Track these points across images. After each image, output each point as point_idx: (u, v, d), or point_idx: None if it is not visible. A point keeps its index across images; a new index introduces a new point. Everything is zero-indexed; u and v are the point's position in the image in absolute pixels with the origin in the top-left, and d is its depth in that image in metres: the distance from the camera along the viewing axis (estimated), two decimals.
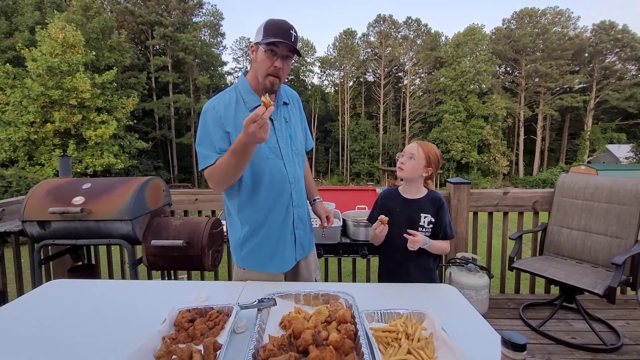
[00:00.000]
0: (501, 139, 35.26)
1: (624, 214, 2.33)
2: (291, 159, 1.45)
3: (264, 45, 1.28)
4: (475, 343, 0.94)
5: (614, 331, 2.22)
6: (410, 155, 1.55)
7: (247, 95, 1.40)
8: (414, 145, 1.58)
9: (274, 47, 1.28)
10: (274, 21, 1.31)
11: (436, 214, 1.54)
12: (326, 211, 1.62)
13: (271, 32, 1.28)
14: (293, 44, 1.29)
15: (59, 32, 16.66)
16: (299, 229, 1.51)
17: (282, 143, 1.43)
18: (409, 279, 1.50)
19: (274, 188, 1.41)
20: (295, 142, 1.48)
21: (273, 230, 1.44)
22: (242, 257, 1.47)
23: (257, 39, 1.32)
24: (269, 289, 1.16)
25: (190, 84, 33.18)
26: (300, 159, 1.52)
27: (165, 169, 30.24)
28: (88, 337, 1.00)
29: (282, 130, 1.44)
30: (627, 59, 34.58)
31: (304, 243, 1.54)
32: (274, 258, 1.46)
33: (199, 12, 35.81)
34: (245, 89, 1.41)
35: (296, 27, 1.35)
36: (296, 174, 1.48)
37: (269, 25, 1.30)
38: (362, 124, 37.93)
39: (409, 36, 40.07)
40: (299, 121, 1.56)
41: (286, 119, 1.47)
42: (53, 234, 2.07)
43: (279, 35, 1.27)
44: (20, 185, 10.29)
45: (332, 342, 0.84)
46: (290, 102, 1.53)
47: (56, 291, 1.34)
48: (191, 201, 2.82)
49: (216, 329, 0.97)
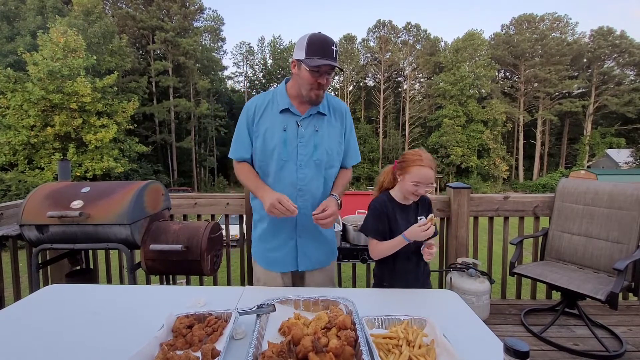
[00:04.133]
0: (501, 144, 35.33)
1: (625, 219, 2.32)
2: (307, 166, 1.45)
3: (307, 65, 1.32)
4: (477, 350, 0.92)
5: (617, 337, 2.20)
6: (430, 184, 1.45)
7: (280, 98, 1.48)
8: (430, 173, 1.44)
9: (318, 67, 1.32)
10: (317, 38, 1.34)
11: (428, 215, 1.53)
12: (327, 205, 1.43)
13: (315, 51, 1.32)
14: (335, 60, 1.33)
15: (61, 36, 16.78)
16: (302, 238, 1.50)
17: (302, 149, 1.45)
18: (418, 285, 1.48)
19: (278, 189, 1.44)
20: (318, 152, 1.46)
21: (275, 227, 1.51)
22: (254, 246, 1.60)
23: (299, 56, 1.35)
24: (269, 295, 1.15)
25: (190, 88, 33.30)
26: (322, 171, 1.49)
27: (164, 173, 30.24)
28: (85, 343, 0.99)
29: (307, 138, 1.45)
30: (625, 65, 34.77)
31: (310, 254, 1.53)
32: (271, 254, 1.53)
33: (200, 17, 36.05)
34: (281, 93, 1.50)
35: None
36: (309, 182, 1.46)
37: (313, 43, 1.32)
38: (362, 128, 38.01)
39: (408, 41, 40.31)
40: (336, 134, 1.53)
41: (316, 129, 1.47)
42: (51, 238, 2.06)
43: (322, 54, 1.32)
44: (19, 189, 10.29)
45: (332, 349, 0.83)
46: (330, 114, 1.52)
47: (54, 296, 1.32)
48: (190, 205, 2.81)
49: (215, 335, 0.96)
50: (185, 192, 14.63)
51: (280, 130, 1.44)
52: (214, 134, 35.41)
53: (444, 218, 2.80)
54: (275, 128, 1.45)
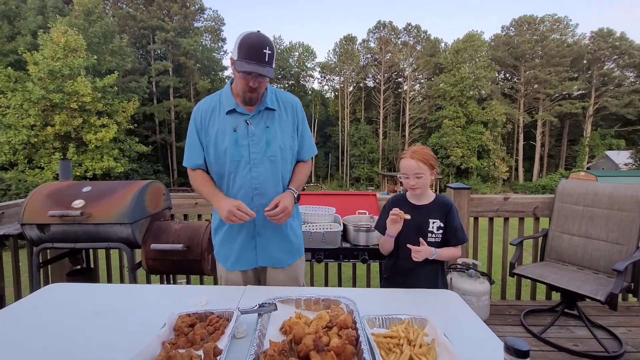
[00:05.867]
0: (500, 145, 35.36)
1: (624, 221, 2.32)
2: (261, 164, 1.43)
3: (237, 69, 1.30)
4: (478, 350, 0.93)
5: (616, 338, 2.20)
6: (416, 175, 1.49)
7: (225, 99, 1.46)
8: (412, 162, 1.49)
9: (247, 72, 1.30)
10: (249, 39, 1.29)
11: (445, 219, 1.53)
12: (279, 200, 1.39)
13: (246, 54, 1.28)
14: (266, 64, 1.30)
15: (61, 36, 16.79)
16: (261, 236, 1.48)
17: (254, 148, 1.42)
18: (418, 286, 1.46)
19: (234, 190, 1.45)
20: (272, 148, 1.43)
21: (234, 230, 1.49)
22: (216, 250, 1.58)
23: (234, 55, 1.32)
24: (269, 294, 1.16)
25: (191, 88, 33.32)
26: (279, 167, 1.46)
27: (164, 173, 30.24)
28: (86, 342, 0.99)
29: (258, 135, 1.42)
30: (625, 66, 34.80)
31: (270, 253, 1.51)
32: (232, 254, 1.52)
33: (201, 17, 36.09)
34: (226, 94, 1.47)
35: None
36: (263, 179, 1.44)
37: (244, 45, 1.29)
38: (362, 129, 38.03)
39: (408, 42, 40.35)
40: (288, 128, 1.50)
41: (267, 125, 1.45)
42: (52, 237, 2.06)
43: (252, 57, 1.28)
44: (19, 189, 10.28)
45: (334, 348, 0.83)
46: (279, 109, 1.49)
47: (54, 295, 1.33)
48: (191, 205, 2.81)
49: (216, 334, 0.96)
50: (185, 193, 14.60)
51: (230, 131, 1.42)
52: None
53: None
54: (226, 130, 1.42)
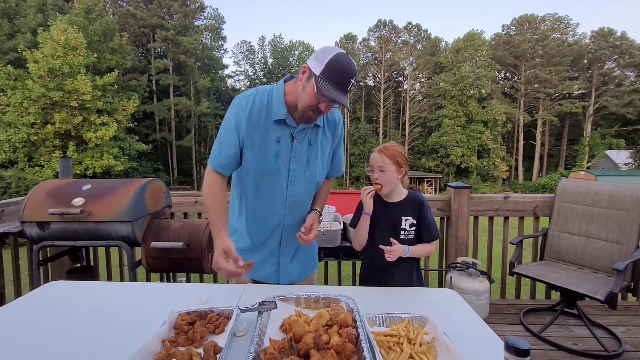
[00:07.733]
0: (500, 144, 35.36)
1: (624, 220, 2.32)
2: (298, 182, 1.35)
3: (317, 87, 1.15)
4: (478, 348, 0.93)
5: (615, 337, 2.21)
6: (379, 168, 1.48)
7: (276, 104, 1.29)
8: (377, 155, 1.49)
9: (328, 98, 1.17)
10: (340, 62, 1.16)
11: (417, 216, 1.52)
12: (312, 223, 1.39)
13: (332, 76, 1.15)
14: (347, 93, 1.19)
15: (61, 34, 16.75)
16: (285, 256, 1.42)
17: (294, 164, 1.33)
18: (394, 284, 1.45)
19: (265, 204, 1.36)
20: (311, 167, 1.36)
21: (257, 246, 1.41)
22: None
23: (315, 68, 1.17)
24: (270, 292, 1.16)
25: (191, 87, 33.29)
26: (314, 186, 1.41)
27: (164, 172, 30.23)
28: (86, 340, 0.99)
29: (300, 152, 1.33)
30: (625, 66, 34.77)
31: (292, 272, 1.46)
32: (253, 270, 1.35)
33: (201, 15, 36.07)
34: (278, 98, 1.30)
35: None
36: (298, 198, 1.37)
37: (335, 67, 1.15)
38: (362, 128, 38.01)
39: (409, 41, 40.31)
40: (327, 146, 1.42)
41: (310, 142, 1.35)
42: (52, 235, 2.06)
43: (339, 83, 1.16)
44: (19, 187, 10.26)
45: (334, 346, 0.83)
46: (323, 126, 1.39)
47: (54, 293, 1.33)
48: (191, 203, 2.81)
49: (216, 332, 0.96)
50: (185, 191, 14.61)
51: (274, 141, 1.30)
52: (214, 133, 35.38)
53: (444, 217, 2.81)
54: (269, 139, 1.29)
